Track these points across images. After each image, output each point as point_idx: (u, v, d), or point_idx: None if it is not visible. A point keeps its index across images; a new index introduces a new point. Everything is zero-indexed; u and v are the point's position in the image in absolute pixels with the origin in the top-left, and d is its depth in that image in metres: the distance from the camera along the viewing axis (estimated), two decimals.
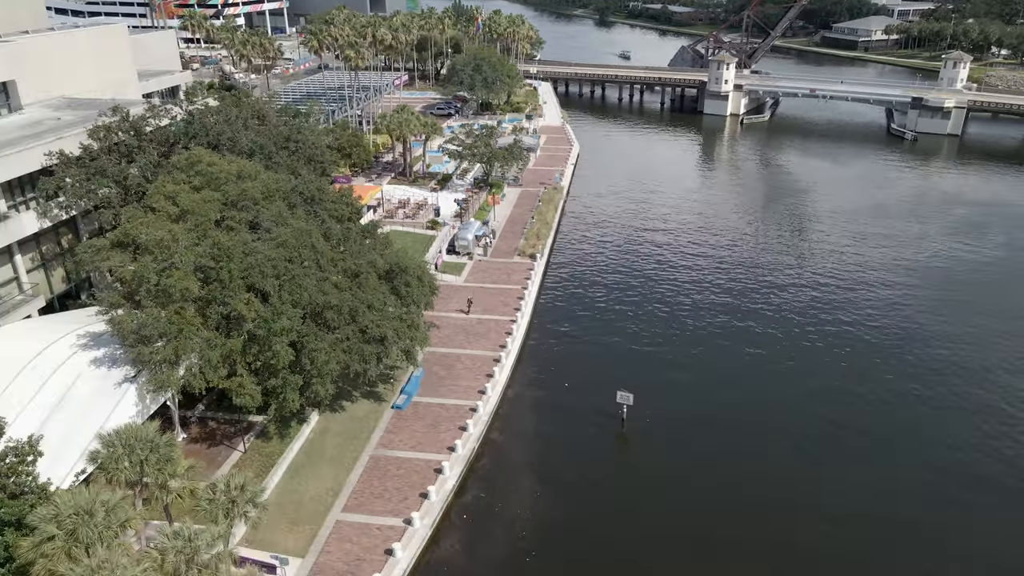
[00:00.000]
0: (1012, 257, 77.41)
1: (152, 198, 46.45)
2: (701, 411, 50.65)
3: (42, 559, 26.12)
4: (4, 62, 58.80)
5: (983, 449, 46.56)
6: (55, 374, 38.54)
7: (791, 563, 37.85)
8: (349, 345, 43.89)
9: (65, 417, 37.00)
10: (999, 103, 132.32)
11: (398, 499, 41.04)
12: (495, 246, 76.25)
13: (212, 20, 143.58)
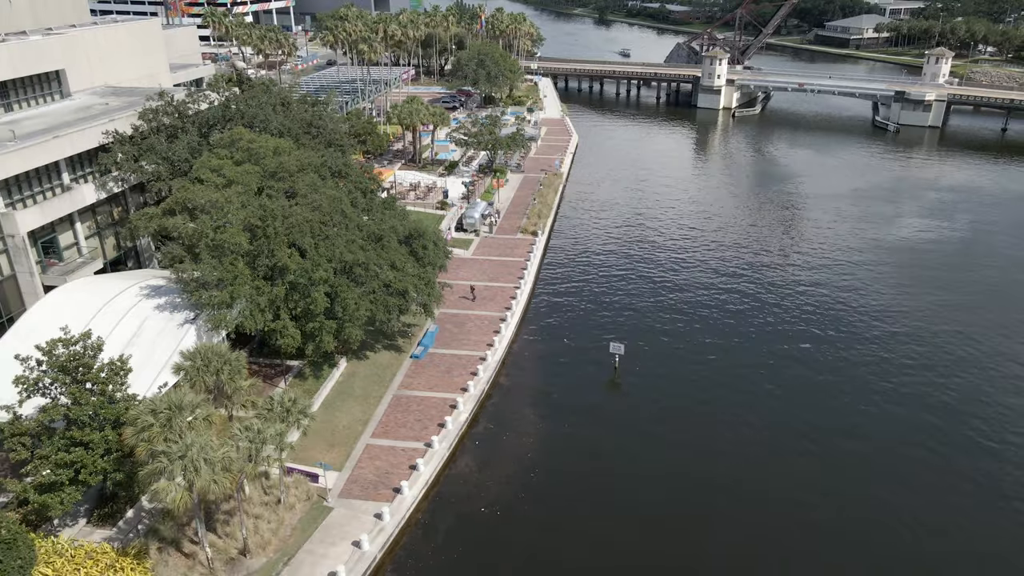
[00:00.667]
0: (974, 236, 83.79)
1: (199, 171, 52.68)
2: (684, 363, 57.01)
3: (143, 443, 32.52)
4: (57, 52, 65.22)
5: (922, 393, 52.96)
6: (126, 316, 44.85)
7: (743, 488, 44.21)
8: (375, 297, 50.33)
9: (137, 352, 43.26)
10: (977, 96, 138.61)
11: (419, 428, 47.42)
12: (499, 224, 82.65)
13: (231, 17, 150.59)
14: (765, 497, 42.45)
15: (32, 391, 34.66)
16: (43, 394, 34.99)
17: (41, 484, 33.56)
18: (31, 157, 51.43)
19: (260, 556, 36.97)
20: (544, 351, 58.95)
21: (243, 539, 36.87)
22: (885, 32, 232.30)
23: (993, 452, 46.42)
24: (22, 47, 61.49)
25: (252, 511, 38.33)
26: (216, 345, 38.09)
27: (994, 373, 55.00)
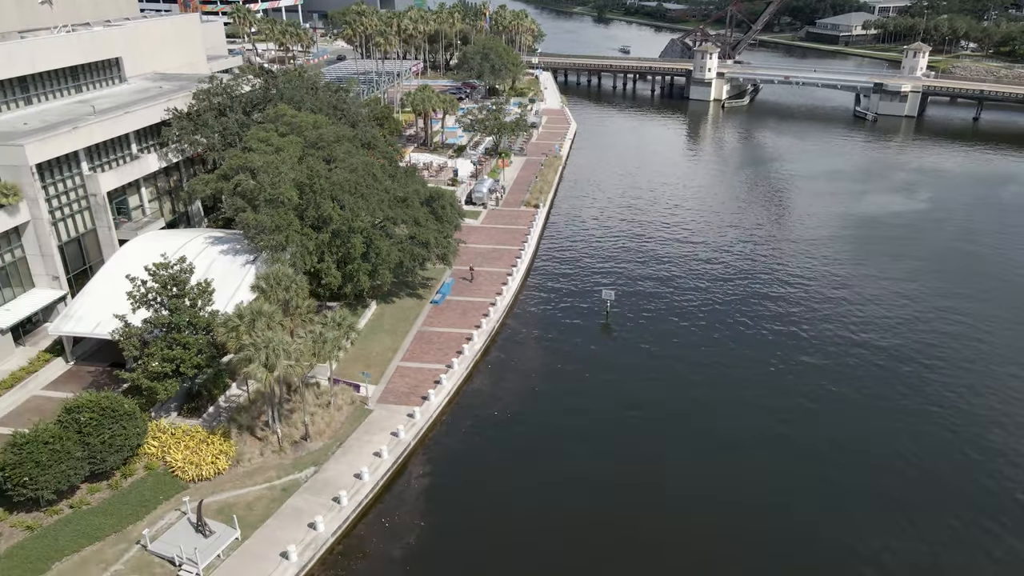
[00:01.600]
0: (931, 210, 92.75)
1: (250, 141, 61.66)
2: (666, 310, 65.98)
3: (232, 339, 41.55)
4: (117, 42, 74.23)
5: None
6: (197, 258, 53.69)
7: (713, 414, 53.20)
8: (403, 246, 59.39)
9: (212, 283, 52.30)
10: (950, 88, 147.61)
11: (440, 355, 56.37)
12: (505, 199, 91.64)
13: (256, 13, 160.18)
14: (716, 402, 51.49)
15: (140, 303, 43.64)
16: (148, 306, 43.95)
17: (151, 373, 42.58)
18: (110, 128, 60.46)
19: (317, 441, 45.97)
20: (546, 298, 67.97)
21: (304, 428, 45.87)
22: (872, 29, 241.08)
23: (906, 374, 55.44)
24: (90, 36, 70.54)
25: (308, 409, 47.31)
26: (283, 268, 47.08)
27: (926, 318, 63.99)
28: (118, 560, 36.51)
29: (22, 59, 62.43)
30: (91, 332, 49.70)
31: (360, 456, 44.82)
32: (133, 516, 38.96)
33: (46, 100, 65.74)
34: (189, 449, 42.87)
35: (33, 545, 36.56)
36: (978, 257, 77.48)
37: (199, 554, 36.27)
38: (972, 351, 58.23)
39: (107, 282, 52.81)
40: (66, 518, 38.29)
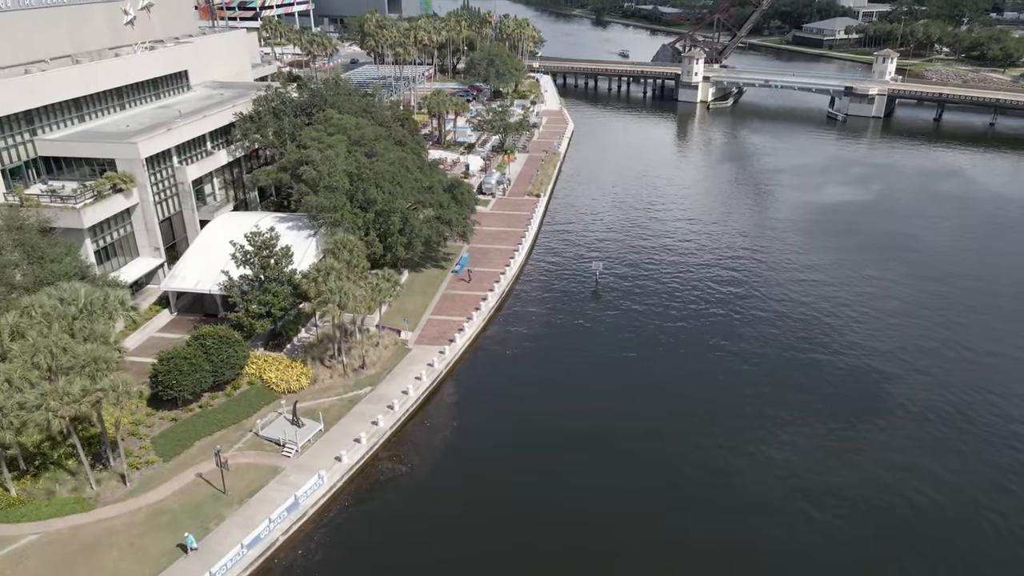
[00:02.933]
0: (877, 200, 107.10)
1: (305, 139, 75.81)
2: (644, 278, 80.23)
3: (313, 287, 55.80)
4: (185, 57, 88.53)
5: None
6: (249, 231, 67.81)
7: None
8: (430, 224, 73.67)
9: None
10: (913, 91, 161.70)
11: (462, 310, 70.57)
12: (510, 189, 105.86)
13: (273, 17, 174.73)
14: (678, 347, 65.76)
15: (242, 262, 57.88)
16: (246, 265, 58.19)
17: (251, 313, 56.89)
18: (194, 129, 74.71)
19: (371, 370, 60.22)
20: (546, 269, 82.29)
21: (361, 359, 60.16)
22: (854, 34, 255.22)
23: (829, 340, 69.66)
24: (166, 53, 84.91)
25: (364, 347, 61.53)
26: (349, 236, 61.33)
27: (847, 283, 78.25)
28: (239, 441, 50.80)
29: (118, 74, 76.79)
30: (193, 288, 64.08)
31: (405, 379, 59.05)
32: (245, 413, 53.28)
33: (134, 106, 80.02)
34: (278, 371, 57.19)
35: (179, 430, 50.86)
36: (908, 237, 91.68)
37: (297, 436, 50.61)
38: (869, 308, 72.53)
39: (200, 251, 67.28)
40: (198, 414, 52.60)
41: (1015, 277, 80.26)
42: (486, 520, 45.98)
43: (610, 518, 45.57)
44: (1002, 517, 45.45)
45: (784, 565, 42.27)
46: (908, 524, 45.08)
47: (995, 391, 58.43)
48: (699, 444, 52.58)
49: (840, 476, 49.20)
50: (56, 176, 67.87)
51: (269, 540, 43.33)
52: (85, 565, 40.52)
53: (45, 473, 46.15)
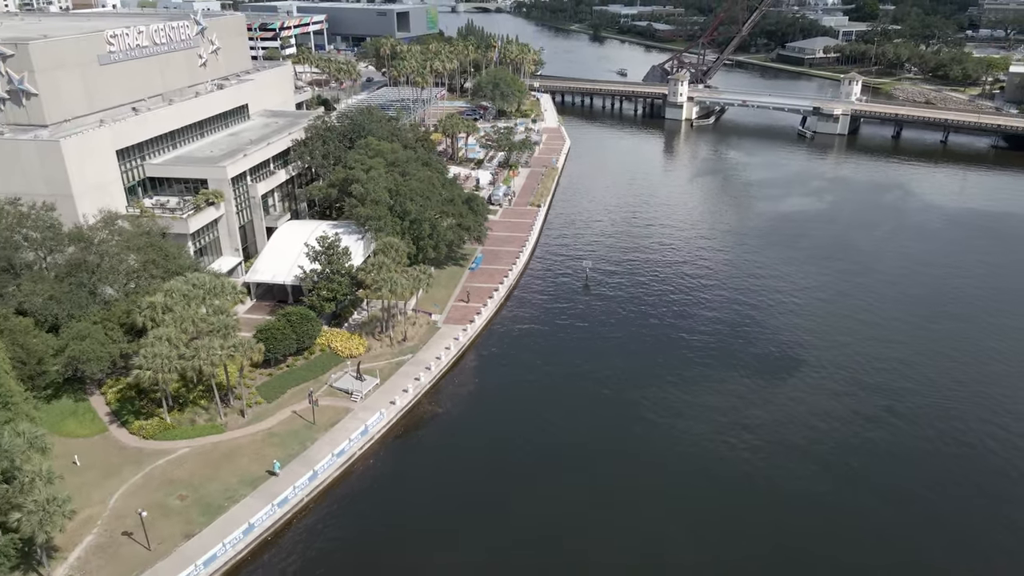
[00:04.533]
0: (830, 209, 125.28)
1: (350, 161, 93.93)
2: (627, 274, 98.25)
3: (370, 276, 73.90)
4: (247, 92, 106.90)
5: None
6: (319, 235, 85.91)
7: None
8: (453, 230, 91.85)
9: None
10: (873, 111, 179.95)
11: (479, 299, 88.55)
12: (515, 201, 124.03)
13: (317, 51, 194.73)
14: (656, 330, 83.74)
15: (314, 259, 75.95)
16: (316, 260, 76.26)
17: (321, 298, 74.97)
18: (263, 154, 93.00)
19: (411, 342, 78.22)
20: (546, 267, 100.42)
21: (403, 334, 78.19)
22: (832, 53, 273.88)
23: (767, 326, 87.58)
24: (233, 91, 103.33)
25: (404, 325, 79.54)
26: (395, 240, 79.37)
27: (791, 279, 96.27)
28: (318, 390, 68.78)
29: (200, 109, 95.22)
30: (270, 279, 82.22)
31: (437, 349, 77.07)
32: (320, 371, 71.33)
33: (211, 135, 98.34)
34: (342, 341, 75.25)
35: (274, 382, 68.90)
36: (846, 240, 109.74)
37: (362, 387, 68.67)
38: (805, 297, 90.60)
39: (273, 250, 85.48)
40: (287, 371, 70.65)
41: (926, 272, 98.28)
42: (499, 446, 64.00)
43: (588, 436, 63.60)
44: (875, 439, 63.46)
45: (710, 467, 60.17)
46: (808, 443, 63.00)
47: (895, 356, 76.35)
48: (659, 390, 70.59)
49: (755, 411, 67.20)
50: (159, 192, 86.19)
51: (349, 453, 61.36)
52: (226, 466, 58.51)
53: (186, 409, 64.21)
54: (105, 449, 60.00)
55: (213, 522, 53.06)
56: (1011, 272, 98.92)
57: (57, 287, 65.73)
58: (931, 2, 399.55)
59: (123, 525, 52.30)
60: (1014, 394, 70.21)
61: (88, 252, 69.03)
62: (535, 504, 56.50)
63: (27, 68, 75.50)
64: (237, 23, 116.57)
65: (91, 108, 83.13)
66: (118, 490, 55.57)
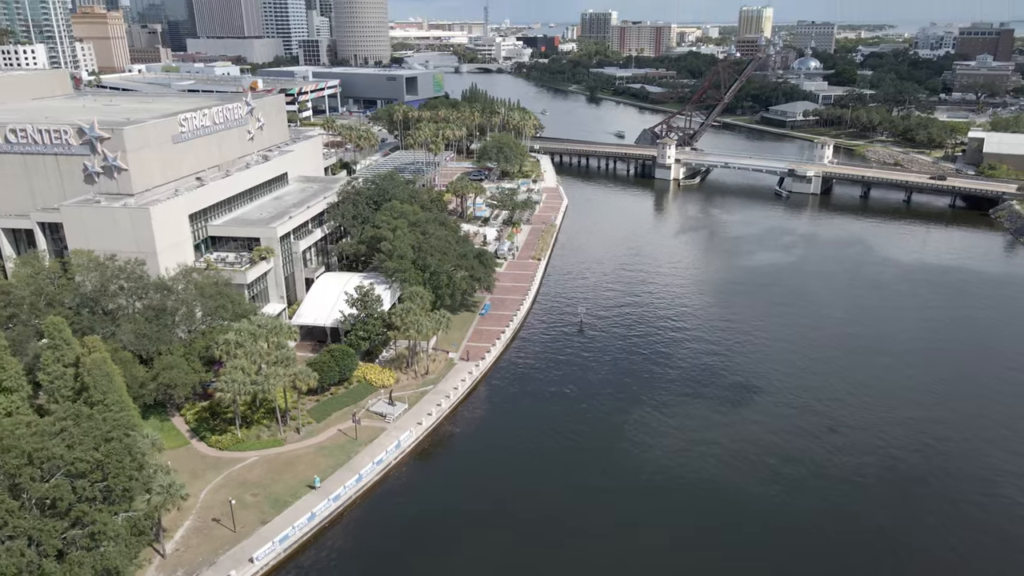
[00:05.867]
0: (797, 262, 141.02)
1: (377, 221, 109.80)
2: (616, 318, 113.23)
3: (398, 319, 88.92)
4: (287, 161, 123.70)
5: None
6: (357, 284, 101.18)
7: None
8: (466, 280, 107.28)
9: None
10: (844, 173, 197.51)
11: (488, 340, 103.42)
12: (518, 255, 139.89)
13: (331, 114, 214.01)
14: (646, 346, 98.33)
15: (352, 305, 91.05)
16: (354, 306, 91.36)
17: (357, 338, 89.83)
18: (304, 215, 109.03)
19: (431, 375, 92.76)
20: (545, 312, 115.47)
21: (425, 369, 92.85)
22: (812, 116, 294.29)
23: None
24: (276, 162, 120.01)
25: (426, 361, 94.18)
26: (420, 289, 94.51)
27: (757, 325, 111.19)
28: (358, 413, 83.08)
29: (251, 178, 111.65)
30: (313, 322, 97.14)
31: (454, 381, 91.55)
32: (358, 397, 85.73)
33: (258, 199, 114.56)
34: (375, 374, 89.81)
35: (320, 407, 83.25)
36: (807, 290, 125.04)
37: (394, 411, 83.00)
38: (764, 337, 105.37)
39: (314, 298, 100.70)
40: (330, 398, 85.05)
41: (871, 317, 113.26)
42: (506, 457, 78.09)
43: (580, 449, 77.68)
44: (814, 456, 77.54)
45: (681, 473, 74.07)
46: (761, 453, 77.00)
47: (837, 387, 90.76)
48: (641, 414, 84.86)
49: (720, 430, 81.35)
50: (219, 248, 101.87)
51: (386, 462, 75.44)
52: (288, 471, 72.54)
53: (253, 426, 78.50)
54: (190, 458, 74.11)
55: (282, 512, 66.95)
56: (944, 319, 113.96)
57: (147, 327, 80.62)
58: (908, 67, 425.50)
59: (212, 513, 66.21)
60: (928, 415, 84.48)
61: (168, 298, 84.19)
62: (533, 499, 70.46)
63: (120, 148, 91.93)
64: (277, 102, 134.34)
65: (165, 179, 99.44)
66: (205, 488, 69.56)
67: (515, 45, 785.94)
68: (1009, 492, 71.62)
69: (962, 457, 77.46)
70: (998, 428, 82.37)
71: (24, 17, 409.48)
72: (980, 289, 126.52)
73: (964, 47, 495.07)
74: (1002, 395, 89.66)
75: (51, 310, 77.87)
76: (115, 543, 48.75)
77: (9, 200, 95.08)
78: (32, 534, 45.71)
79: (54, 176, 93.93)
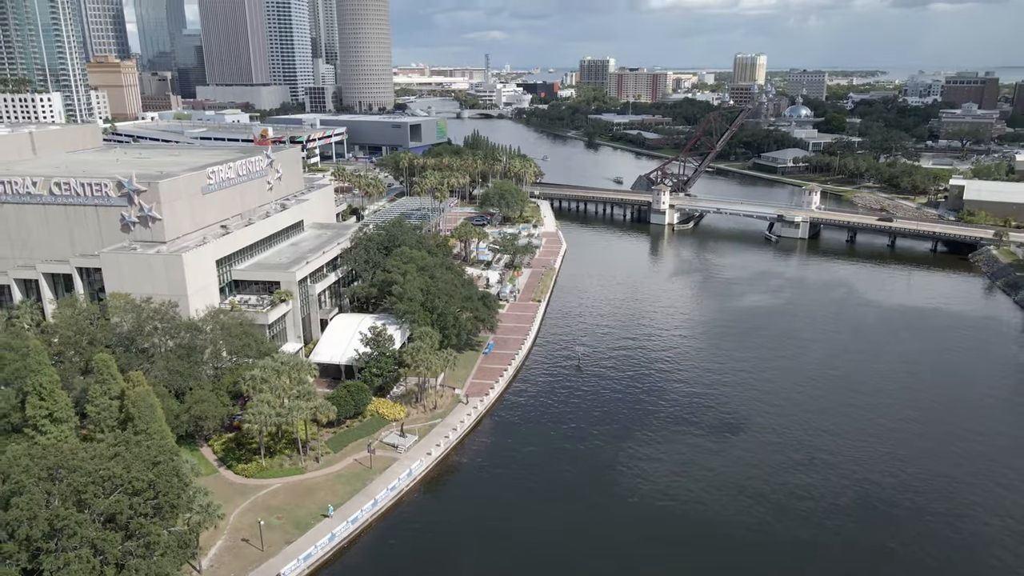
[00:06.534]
0: (784, 304, 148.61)
1: (388, 266, 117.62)
2: (613, 357, 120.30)
3: (410, 358, 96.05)
4: (303, 209, 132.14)
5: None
6: (370, 325, 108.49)
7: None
8: (471, 321, 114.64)
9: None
10: (830, 219, 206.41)
11: (492, 376, 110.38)
12: (519, 297, 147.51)
13: (345, 167, 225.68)
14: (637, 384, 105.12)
15: (366, 344, 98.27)
16: (368, 345, 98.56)
17: (371, 374, 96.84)
18: (320, 260, 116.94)
19: (439, 410, 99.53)
20: (545, 351, 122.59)
21: (433, 403, 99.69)
22: (802, 163, 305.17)
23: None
24: (295, 210, 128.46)
25: (434, 396, 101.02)
26: (429, 329, 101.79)
27: (747, 364, 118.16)
28: (372, 443, 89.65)
29: (270, 226, 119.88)
30: (328, 360, 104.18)
31: (460, 415, 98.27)
32: (372, 430, 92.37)
33: (277, 245, 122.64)
34: (387, 408, 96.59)
35: (337, 438, 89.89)
36: (793, 330, 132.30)
37: (405, 442, 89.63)
38: (752, 374, 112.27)
39: (328, 338, 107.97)
40: (346, 430, 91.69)
41: (855, 356, 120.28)
42: (508, 483, 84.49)
43: (577, 476, 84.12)
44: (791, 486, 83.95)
45: (670, 497, 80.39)
46: (745, 480, 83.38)
47: (816, 421, 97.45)
48: (633, 445, 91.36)
49: (707, 459, 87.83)
50: (242, 291, 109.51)
51: (399, 488, 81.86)
52: (309, 497, 78.93)
53: (275, 456, 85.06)
54: (218, 484, 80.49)
55: (305, 533, 73.26)
56: (921, 359, 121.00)
57: (179, 364, 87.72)
58: (896, 115, 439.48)
59: (241, 534, 72.51)
60: (900, 446, 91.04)
61: (197, 337, 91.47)
62: (533, 521, 76.77)
63: (155, 200, 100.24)
64: (294, 154, 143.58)
65: (194, 227, 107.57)
66: (234, 511, 75.89)
67: (515, 91, 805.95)
68: (977, 513, 77.93)
69: (931, 483, 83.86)
70: (965, 457, 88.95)
71: (42, 66, 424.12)
72: (956, 330, 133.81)
73: (950, 95, 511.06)
74: (969, 430, 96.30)
75: (93, 348, 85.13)
76: (166, 554, 55.18)
77: (51, 247, 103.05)
78: (97, 543, 52.25)
79: (93, 225, 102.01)
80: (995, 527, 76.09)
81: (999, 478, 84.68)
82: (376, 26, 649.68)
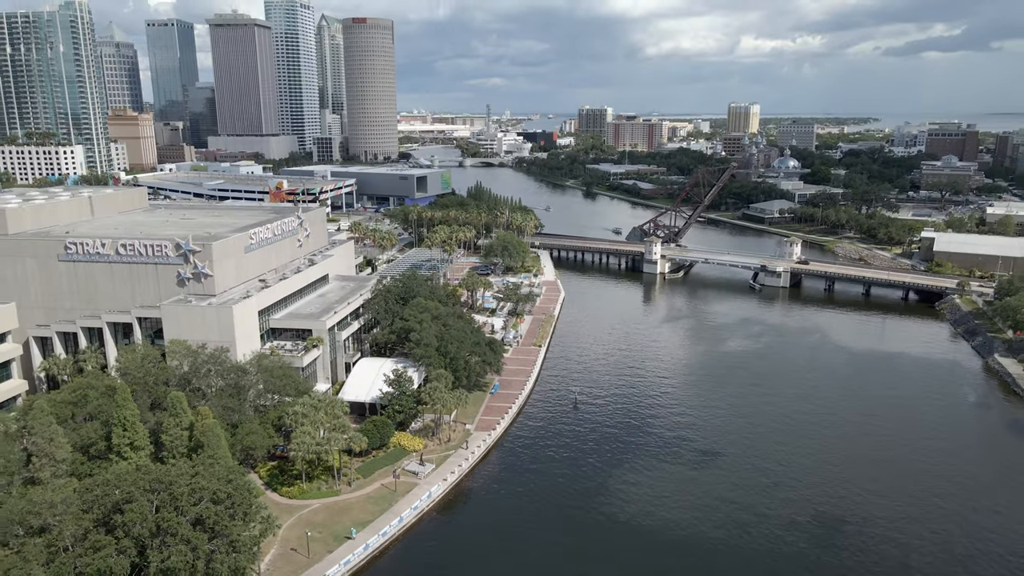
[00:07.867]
0: (763, 348, 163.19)
1: (406, 314, 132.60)
2: (607, 397, 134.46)
3: (428, 396, 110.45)
4: (329, 264, 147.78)
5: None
6: (392, 368, 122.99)
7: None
8: (480, 364, 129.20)
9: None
10: (809, 269, 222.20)
11: (498, 413, 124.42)
12: (521, 342, 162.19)
13: (363, 223, 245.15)
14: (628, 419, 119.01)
15: (389, 384, 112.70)
16: (390, 385, 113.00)
17: (393, 412, 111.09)
18: (345, 310, 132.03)
19: (453, 442, 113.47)
20: (545, 391, 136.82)
21: (448, 436, 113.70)
22: (787, 213, 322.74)
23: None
24: (321, 266, 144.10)
25: (448, 430, 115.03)
26: (445, 372, 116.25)
27: (726, 403, 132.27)
28: (397, 470, 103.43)
29: (302, 280, 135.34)
30: (355, 399, 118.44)
31: (472, 447, 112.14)
32: (395, 459, 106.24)
33: (306, 296, 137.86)
34: (407, 440, 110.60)
35: (365, 466, 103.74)
36: (769, 372, 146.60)
37: (424, 470, 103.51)
38: (726, 412, 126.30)
39: (355, 378, 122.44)
40: (372, 460, 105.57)
41: (823, 396, 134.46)
42: (513, 504, 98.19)
43: (574, 502, 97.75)
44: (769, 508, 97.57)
45: (657, 521, 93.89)
46: (721, 504, 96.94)
47: (786, 452, 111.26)
48: (625, 476, 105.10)
49: (687, 484, 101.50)
50: (278, 338, 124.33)
51: (420, 509, 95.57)
52: (344, 515, 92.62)
53: (314, 481, 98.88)
54: (267, 504, 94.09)
55: (343, 544, 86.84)
56: (880, 399, 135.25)
57: (230, 401, 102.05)
58: (880, 166, 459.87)
59: (290, 544, 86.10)
60: (851, 471, 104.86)
61: (242, 378, 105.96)
62: (535, 535, 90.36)
63: (208, 259, 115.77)
64: (319, 214, 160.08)
65: (238, 281, 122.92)
66: (282, 526, 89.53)
67: (516, 140, 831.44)
68: (909, 527, 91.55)
69: (877, 505, 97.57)
70: (912, 487, 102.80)
71: (66, 120, 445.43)
72: (917, 373, 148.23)
73: (932, 147, 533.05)
74: (914, 460, 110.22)
75: (158, 388, 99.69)
76: (242, 552, 68.95)
77: (115, 299, 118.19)
78: (191, 540, 66.11)
79: (152, 280, 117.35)
80: (923, 537, 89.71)
81: (930, 495, 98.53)
82: (382, 78, 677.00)
